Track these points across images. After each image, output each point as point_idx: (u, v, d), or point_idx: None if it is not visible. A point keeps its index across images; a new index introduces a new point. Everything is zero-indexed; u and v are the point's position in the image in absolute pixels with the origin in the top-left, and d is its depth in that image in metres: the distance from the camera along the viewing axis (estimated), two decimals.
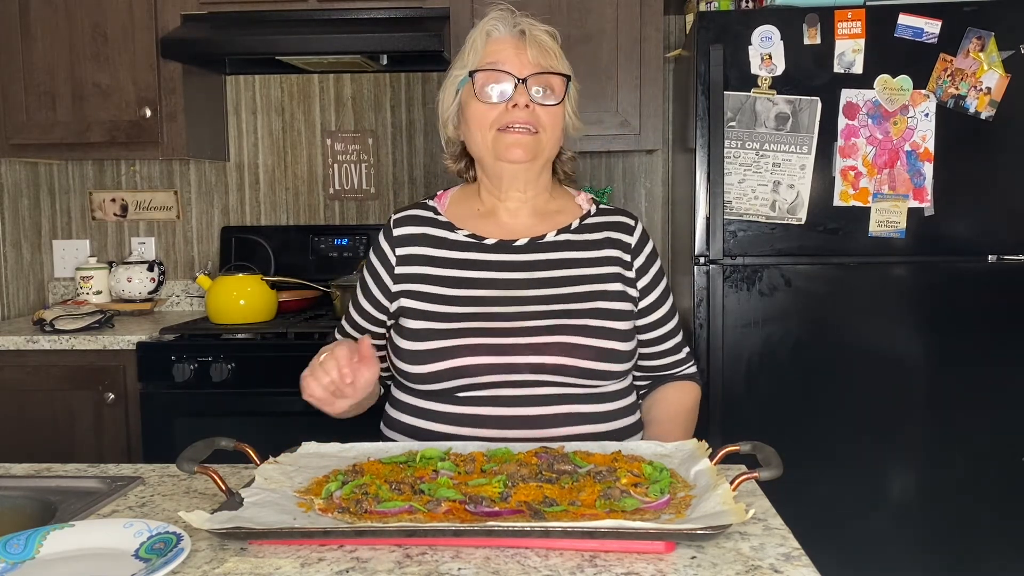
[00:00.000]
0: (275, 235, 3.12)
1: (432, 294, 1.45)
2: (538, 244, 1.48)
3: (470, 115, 1.45)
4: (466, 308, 1.42)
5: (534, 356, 1.38)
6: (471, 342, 1.39)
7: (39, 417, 2.58)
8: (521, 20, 1.45)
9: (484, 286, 1.44)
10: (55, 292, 3.23)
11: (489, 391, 1.39)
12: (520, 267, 1.46)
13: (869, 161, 2.37)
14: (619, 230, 1.53)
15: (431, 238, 1.50)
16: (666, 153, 3.10)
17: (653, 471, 1.13)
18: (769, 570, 0.91)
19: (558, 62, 1.46)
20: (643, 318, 1.52)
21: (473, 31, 1.48)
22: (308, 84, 3.16)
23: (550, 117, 1.44)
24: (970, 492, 2.43)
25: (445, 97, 1.50)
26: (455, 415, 1.40)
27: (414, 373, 1.42)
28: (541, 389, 1.39)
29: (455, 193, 1.58)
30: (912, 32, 2.35)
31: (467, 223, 1.52)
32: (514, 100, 1.41)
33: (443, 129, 1.53)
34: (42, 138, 2.80)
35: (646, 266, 1.52)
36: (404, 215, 1.55)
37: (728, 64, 2.37)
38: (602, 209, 1.56)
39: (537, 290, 1.44)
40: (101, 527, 1.04)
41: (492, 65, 1.42)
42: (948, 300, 2.41)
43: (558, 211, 1.54)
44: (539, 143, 1.44)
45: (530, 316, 1.41)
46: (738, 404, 2.42)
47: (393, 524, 0.98)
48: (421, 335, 1.42)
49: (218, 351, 2.49)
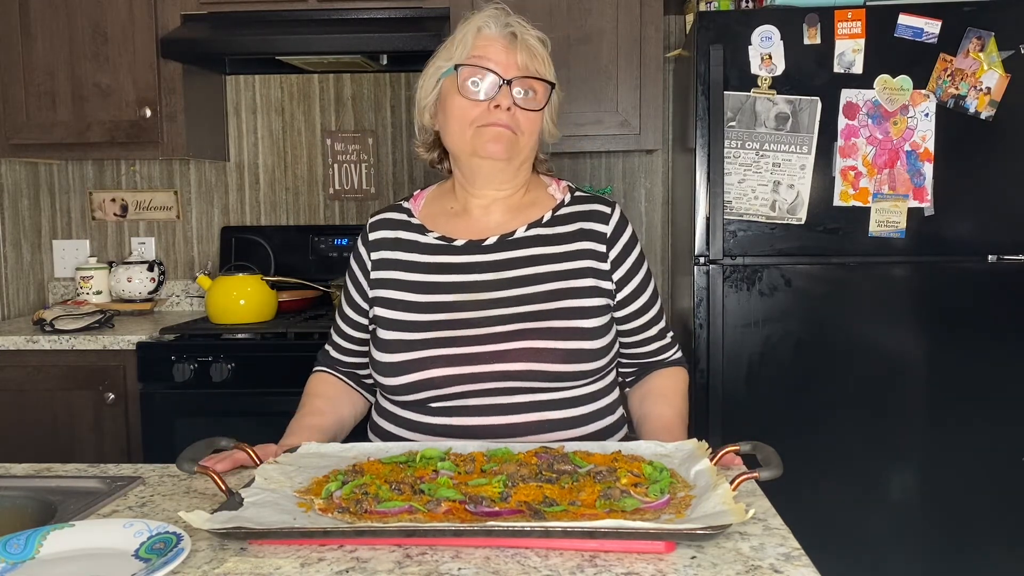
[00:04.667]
0: (275, 235, 3.12)
1: (402, 301, 1.44)
2: (507, 242, 1.46)
3: (450, 108, 1.42)
4: (433, 315, 1.41)
5: (499, 364, 1.36)
6: (436, 353, 1.38)
7: (39, 417, 2.58)
8: (514, 22, 1.43)
9: (452, 290, 1.43)
10: (55, 292, 3.23)
11: (458, 401, 1.38)
12: (488, 268, 1.44)
13: (869, 161, 2.37)
14: (594, 219, 1.48)
15: (403, 242, 1.49)
16: (666, 153, 3.10)
17: (653, 471, 1.13)
18: (769, 570, 0.91)
19: (545, 69, 1.44)
20: (622, 309, 1.48)
21: (464, 24, 1.44)
22: (308, 84, 3.16)
23: (529, 122, 1.42)
24: (970, 492, 2.43)
25: (425, 84, 1.47)
26: (429, 425, 1.40)
27: (387, 384, 1.42)
28: (509, 397, 1.38)
29: (431, 192, 1.57)
30: (912, 32, 2.35)
31: (439, 224, 1.50)
32: (497, 100, 1.39)
33: (418, 116, 1.50)
34: (42, 138, 2.80)
35: (623, 255, 1.48)
36: (379, 218, 1.54)
37: (728, 64, 2.37)
38: (577, 197, 1.52)
39: (504, 292, 1.42)
40: (101, 527, 1.03)
41: (479, 61, 1.40)
42: (948, 300, 2.41)
43: (531, 204, 1.50)
44: (517, 143, 1.42)
45: (495, 321, 1.39)
46: (738, 404, 2.42)
47: (393, 524, 0.98)
48: (391, 346, 1.41)
49: (218, 351, 2.49)
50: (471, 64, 1.40)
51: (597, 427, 1.43)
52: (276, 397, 2.46)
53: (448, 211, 1.52)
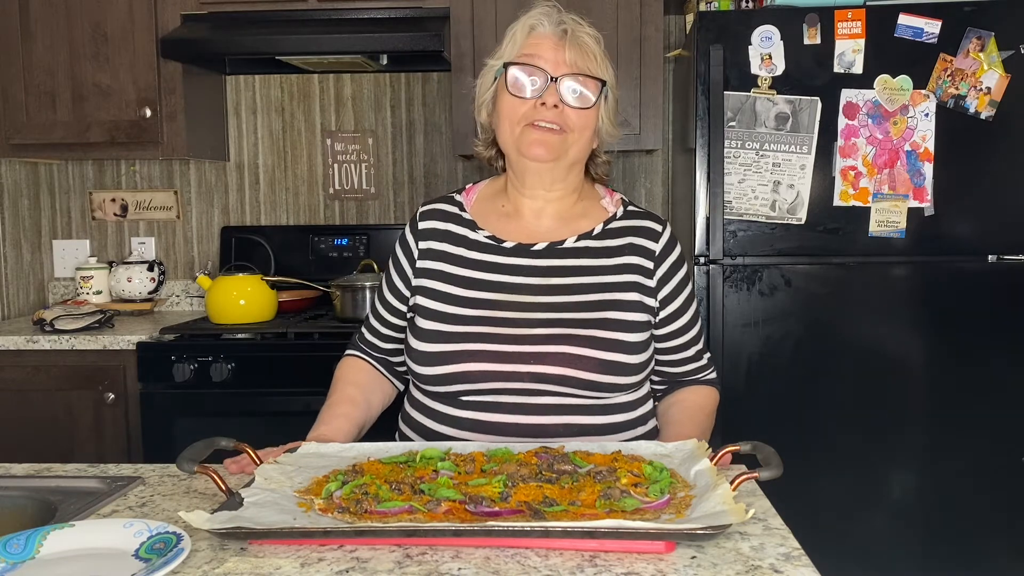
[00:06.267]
0: (275, 235, 3.12)
1: (445, 293, 1.45)
2: (557, 250, 1.46)
3: (500, 106, 1.44)
4: (475, 311, 1.42)
5: (536, 365, 1.36)
6: (474, 347, 1.38)
7: (39, 417, 2.58)
8: (567, 19, 1.43)
9: (497, 289, 1.43)
10: (55, 292, 3.23)
11: (490, 397, 1.38)
12: (535, 272, 1.44)
13: (869, 161, 2.37)
14: (644, 236, 1.48)
15: (453, 235, 1.50)
16: (666, 153, 3.10)
17: (653, 471, 1.13)
18: (769, 570, 0.91)
19: (597, 66, 1.43)
20: (663, 327, 1.48)
21: (516, 22, 1.45)
22: (308, 84, 3.16)
23: (580, 119, 1.41)
24: (970, 492, 2.43)
25: (482, 83, 1.48)
26: (459, 418, 1.40)
27: (421, 374, 1.42)
28: (543, 399, 1.38)
29: (483, 188, 1.57)
30: (912, 32, 2.35)
31: (489, 222, 1.50)
32: (543, 98, 1.39)
33: (477, 115, 1.51)
34: (42, 138, 2.80)
35: (669, 274, 1.47)
36: (431, 208, 1.54)
37: (728, 64, 2.37)
38: (630, 211, 1.52)
39: (548, 297, 1.42)
40: (101, 527, 1.03)
41: (527, 59, 1.40)
42: (948, 300, 2.41)
43: (582, 214, 1.50)
44: (565, 143, 1.41)
45: (536, 323, 1.39)
46: (738, 404, 2.42)
47: (393, 524, 0.98)
48: (429, 336, 1.41)
49: (218, 351, 2.49)
50: (519, 63, 1.41)
51: (628, 436, 1.42)
52: (276, 397, 2.46)
53: (500, 210, 1.52)
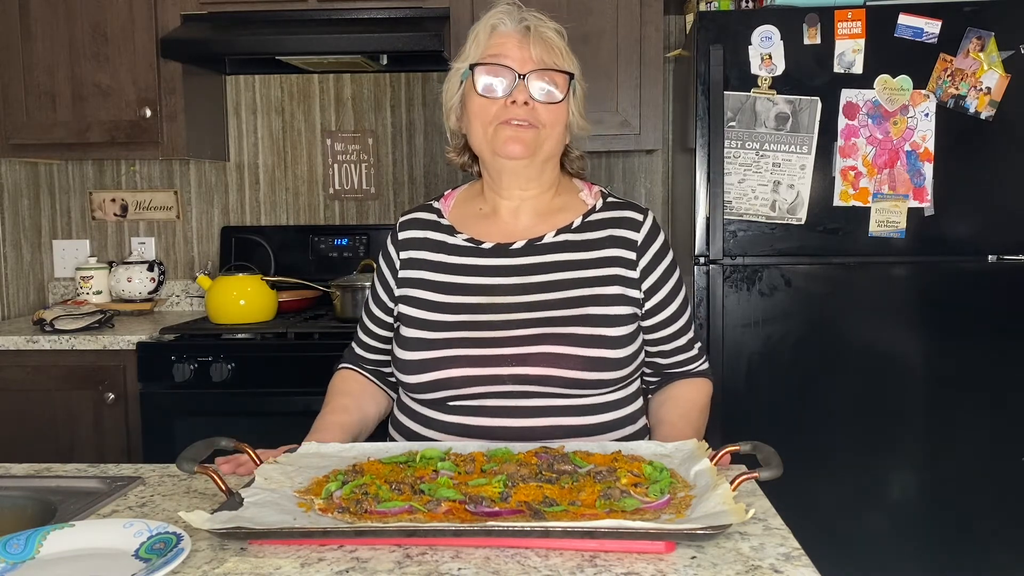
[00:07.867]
0: (275, 235, 3.12)
1: (427, 300, 1.44)
2: (536, 246, 1.45)
3: (470, 109, 1.43)
4: (456, 316, 1.41)
5: (518, 367, 1.36)
6: (456, 353, 1.38)
7: (39, 417, 2.58)
8: (528, 15, 1.42)
9: (476, 292, 1.43)
10: (55, 292, 3.23)
11: (476, 401, 1.38)
12: (515, 272, 1.43)
13: (869, 161, 2.37)
14: (625, 227, 1.46)
15: (432, 242, 1.49)
16: (666, 153, 3.10)
17: (653, 471, 1.13)
18: (769, 570, 0.91)
19: (563, 60, 1.43)
20: (650, 318, 1.46)
21: (478, 23, 1.44)
22: (308, 84, 3.16)
23: (551, 115, 1.40)
24: (970, 492, 2.43)
25: (449, 87, 1.48)
26: (446, 423, 1.40)
27: (407, 382, 1.42)
28: (527, 400, 1.37)
29: (461, 193, 1.56)
30: (912, 32, 2.35)
31: (468, 225, 1.50)
32: (513, 96, 1.38)
33: (446, 120, 1.51)
34: (42, 138, 2.80)
35: (653, 264, 1.45)
36: (409, 218, 1.54)
37: (728, 64, 2.37)
38: (610, 203, 1.50)
39: (528, 296, 1.41)
40: (101, 527, 1.03)
41: (493, 59, 1.40)
42: (948, 300, 2.41)
43: (561, 208, 1.49)
44: (538, 138, 1.40)
45: (517, 324, 1.38)
46: (738, 404, 2.42)
47: (393, 524, 0.98)
48: (412, 344, 1.41)
49: (218, 351, 2.49)
50: (485, 63, 1.40)
51: (618, 436, 1.41)
52: (276, 397, 2.46)
53: (478, 213, 1.51)
